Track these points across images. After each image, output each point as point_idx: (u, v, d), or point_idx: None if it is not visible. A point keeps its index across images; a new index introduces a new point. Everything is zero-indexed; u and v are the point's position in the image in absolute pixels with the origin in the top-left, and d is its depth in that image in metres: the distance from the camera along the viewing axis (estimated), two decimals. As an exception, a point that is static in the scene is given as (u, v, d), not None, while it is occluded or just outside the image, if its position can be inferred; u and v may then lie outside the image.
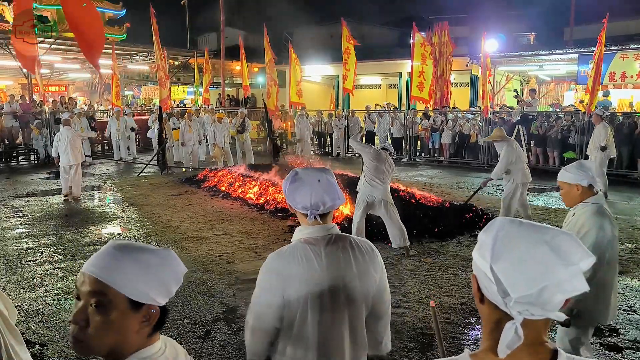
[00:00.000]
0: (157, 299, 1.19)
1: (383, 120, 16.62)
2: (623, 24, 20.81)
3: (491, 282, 0.98)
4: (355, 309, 1.90)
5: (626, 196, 10.13)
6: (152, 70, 23.47)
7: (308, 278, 1.83)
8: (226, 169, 11.78)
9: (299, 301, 1.84)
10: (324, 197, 1.88)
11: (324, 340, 1.87)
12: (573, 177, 2.97)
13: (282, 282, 1.85)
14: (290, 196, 1.94)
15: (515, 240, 0.98)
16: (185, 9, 27.71)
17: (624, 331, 4.28)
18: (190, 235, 7.20)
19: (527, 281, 0.93)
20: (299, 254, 1.87)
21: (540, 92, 20.09)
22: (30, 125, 15.21)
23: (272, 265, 1.90)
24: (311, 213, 1.88)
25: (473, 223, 7.51)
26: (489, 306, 1.03)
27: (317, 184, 1.89)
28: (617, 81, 14.45)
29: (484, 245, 1.01)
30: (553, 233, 0.97)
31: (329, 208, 1.91)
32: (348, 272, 1.87)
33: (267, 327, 1.89)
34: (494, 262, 0.97)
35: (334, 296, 1.86)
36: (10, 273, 5.77)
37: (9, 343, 1.61)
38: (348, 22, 15.98)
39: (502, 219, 1.04)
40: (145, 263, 1.17)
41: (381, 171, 6.06)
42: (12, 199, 9.88)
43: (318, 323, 1.85)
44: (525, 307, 0.94)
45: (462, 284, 5.33)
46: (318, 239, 1.90)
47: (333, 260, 1.86)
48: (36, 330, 4.34)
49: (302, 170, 1.98)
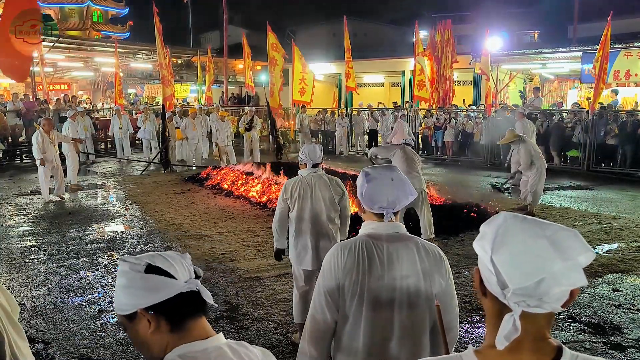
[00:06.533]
0: (141, 303, 1.21)
1: (386, 119, 16.59)
2: (627, 22, 20.75)
3: (491, 273, 0.99)
4: (416, 311, 1.84)
5: (629, 195, 10.09)
6: (155, 69, 23.51)
7: (366, 271, 1.82)
8: (229, 167, 11.78)
9: (354, 294, 1.83)
10: (399, 196, 1.87)
11: (377, 336, 1.83)
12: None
13: (339, 272, 1.84)
14: (367, 198, 1.90)
15: (516, 233, 0.99)
16: (188, 7, 27.75)
17: (628, 330, 4.27)
18: (193, 234, 7.21)
19: (524, 273, 0.95)
20: (360, 246, 1.85)
21: (544, 90, 20.02)
22: (34, 123, 15.24)
23: (330, 258, 1.89)
24: (387, 212, 1.87)
25: (476, 221, 7.49)
26: (490, 299, 1.04)
27: (391, 182, 1.87)
28: (622, 79, 14.38)
29: (485, 237, 1.03)
30: (554, 229, 0.98)
31: (404, 205, 1.90)
32: (411, 270, 1.83)
33: (324, 321, 1.87)
34: (494, 253, 0.99)
35: (393, 293, 1.82)
36: (14, 271, 5.79)
37: (12, 339, 1.61)
38: (351, 20, 15.96)
39: (506, 213, 1.05)
40: (120, 279, 1.25)
41: (414, 162, 6.42)
42: (15, 197, 9.91)
43: (372, 319, 1.82)
44: (522, 299, 0.95)
45: (464, 282, 5.33)
46: (382, 235, 1.88)
47: (395, 256, 1.83)
48: (40, 327, 4.35)
49: (372, 170, 1.95)
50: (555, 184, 10.78)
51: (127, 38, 28.47)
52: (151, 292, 1.20)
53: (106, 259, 6.18)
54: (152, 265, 1.22)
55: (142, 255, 1.29)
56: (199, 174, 11.73)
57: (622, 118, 12.83)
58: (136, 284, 1.21)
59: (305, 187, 3.82)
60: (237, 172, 10.75)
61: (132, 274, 1.22)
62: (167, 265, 1.23)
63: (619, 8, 14.16)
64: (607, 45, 12.05)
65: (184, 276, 1.24)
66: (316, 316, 1.90)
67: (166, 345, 1.22)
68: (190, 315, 1.24)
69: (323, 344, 1.91)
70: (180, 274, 1.24)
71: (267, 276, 5.43)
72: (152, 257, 1.26)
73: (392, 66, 22.73)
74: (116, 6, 30.19)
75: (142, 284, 1.20)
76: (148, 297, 1.20)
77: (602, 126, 12.55)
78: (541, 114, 14.06)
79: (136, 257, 1.26)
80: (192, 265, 1.30)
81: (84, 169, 13.45)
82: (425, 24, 20.61)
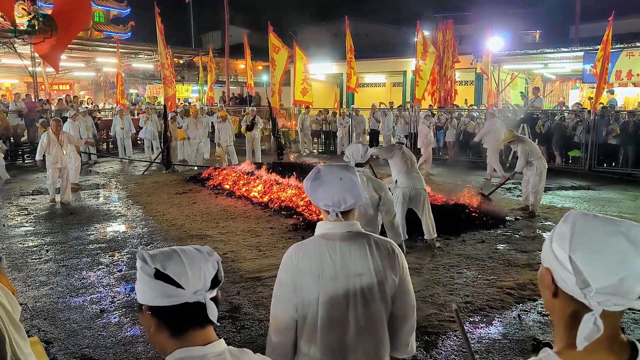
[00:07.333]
0: (147, 301, 1.22)
1: (387, 119, 16.59)
2: (629, 22, 20.71)
3: (569, 272, 0.98)
4: (372, 306, 1.89)
5: (631, 195, 10.07)
6: (156, 69, 23.52)
7: (321, 272, 1.85)
8: (230, 167, 11.78)
9: (310, 294, 1.86)
10: (345, 196, 1.88)
11: (333, 334, 1.87)
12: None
13: (294, 276, 1.88)
14: (311, 193, 1.95)
15: (593, 231, 0.98)
16: (189, 8, 27.77)
17: (629, 330, 4.26)
18: (195, 234, 7.22)
19: (606, 271, 0.94)
20: (315, 248, 1.89)
21: (545, 91, 19.99)
22: (36, 123, 15.26)
23: (285, 259, 1.94)
24: (332, 210, 1.90)
25: (477, 222, 7.49)
26: (564, 299, 1.02)
27: (340, 182, 1.90)
28: (624, 79, 14.36)
29: (563, 236, 1.01)
30: (627, 225, 0.98)
31: (351, 206, 1.92)
32: (363, 268, 1.87)
33: (283, 318, 1.91)
34: (572, 252, 0.98)
35: (347, 292, 1.86)
36: (16, 271, 5.80)
37: (13, 339, 1.62)
38: (353, 20, 15.94)
39: (577, 211, 1.05)
40: (137, 269, 1.24)
41: (413, 162, 6.42)
42: (17, 197, 9.93)
43: (328, 318, 1.86)
44: (606, 298, 0.95)
45: (466, 282, 5.32)
46: (336, 235, 1.91)
47: (348, 255, 1.87)
48: (41, 327, 4.36)
49: (324, 167, 1.99)
50: (557, 184, 10.77)
51: (129, 38, 28.45)
52: (156, 296, 1.19)
53: (108, 259, 6.19)
54: (160, 273, 1.19)
55: (160, 252, 1.24)
56: (201, 174, 11.74)
57: (623, 118, 12.82)
58: (144, 283, 1.21)
59: None
60: (239, 172, 10.76)
61: (141, 273, 1.22)
62: (179, 273, 1.19)
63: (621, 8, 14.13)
64: (609, 45, 12.03)
65: (195, 285, 1.19)
66: (275, 314, 1.94)
67: (166, 347, 1.22)
68: (193, 325, 1.22)
69: (286, 338, 1.95)
70: (192, 282, 1.19)
71: (268, 276, 5.43)
72: (168, 258, 1.22)
73: (393, 66, 22.73)
74: (118, 6, 30.19)
75: (150, 285, 1.20)
76: (152, 298, 1.20)
77: (604, 126, 12.54)
78: (543, 114, 14.04)
79: (152, 256, 1.23)
80: (216, 267, 1.26)
81: (85, 169, 13.48)
82: (427, 24, 20.59)
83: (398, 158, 6.36)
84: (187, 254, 1.23)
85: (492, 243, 6.73)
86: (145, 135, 15.96)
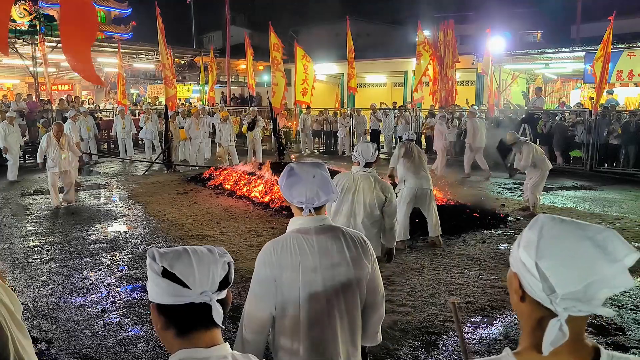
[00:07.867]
0: (154, 297, 1.22)
1: (388, 119, 16.58)
2: (631, 22, 20.68)
3: (536, 279, 0.98)
4: (350, 295, 1.97)
5: (633, 195, 10.06)
6: (157, 69, 23.54)
7: (300, 265, 1.90)
8: (231, 167, 11.78)
9: (291, 288, 1.90)
10: (318, 192, 1.95)
11: (316, 326, 1.91)
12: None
13: (274, 271, 1.91)
14: (286, 191, 2.01)
15: (560, 237, 0.98)
16: (190, 8, 27.77)
17: (630, 330, 4.26)
18: (196, 234, 7.22)
19: (573, 277, 0.94)
20: (291, 243, 1.94)
21: (547, 91, 19.97)
22: (37, 123, 15.28)
23: (264, 256, 1.96)
24: (306, 207, 1.96)
25: (478, 222, 7.49)
26: (530, 304, 1.02)
27: (312, 179, 1.96)
28: (625, 79, 14.35)
29: (529, 242, 1.01)
30: (595, 230, 0.98)
31: (324, 202, 1.98)
32: (341, 259, 1.94)
33: (261, 316, 1.94)
34: (539, 258, 0.97)
35: (327, 282, 1.92)
36: (17, 271, 5.81)
37: (15, 337, 1.62)
38: (354, 21, 15.94)
39: (545, 216, 1.04)
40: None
41: (420, 161, 6.36)
42: (18, 197, 9.94)
43: (310, 309, 1.91)
44: (572, 304, 0.95)
45: (467, 282, 5.32)
46: (310, 228, 1.97)
47: (325, 247, 1.94)
48: (43, 327, 4.37)
49: (297, 165, 2.04)
50: (558, 184, 10.75)
51: (130, 38, 28.47)
52: (162, 294, 1.20)
53: (109, 259, 6.19)
54: (167, 271, 1.19)
55: (170, 251, 1.23)
56: (202, 174, 11.74)
57: (625, 118, 12.81)
58: (152, 280, 1.21)
59: (350, 183, 3.93)
60: (240, 172, 10.76)
61: (150, 271, 1.22)
62: (186, 272, 1.18)
63: (622, 8, 14.11)
64: (609, 45, 12.02)
65: (203, 286, 1.18)
66: (252, 312, 1.96)
67: (172, 346, 1.22)
68: (198, 326, 1.21)
69: (260, 336, 1.98)
70: (199, 282, 1.18)
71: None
72: (177, 257, 1.21)
73: (394, 66, 22.73)
74: (119, 7, 30.22)
75: (157, 282, 1.20)
76: (159, 295, 1.20)
77: (605, 126, 12.53)
78: (544, 114, 14.03)
79: (161, 254, 1.22)
80: (227, 269, 1.24)
81: (86, 169, 13.49)
82: (428, 24, 20.59)
83: (406, 156, 6.35)
84: (197, 254, 1.22)
85: (493, 243, 6.73)
86: (145, 135, 15.97)
